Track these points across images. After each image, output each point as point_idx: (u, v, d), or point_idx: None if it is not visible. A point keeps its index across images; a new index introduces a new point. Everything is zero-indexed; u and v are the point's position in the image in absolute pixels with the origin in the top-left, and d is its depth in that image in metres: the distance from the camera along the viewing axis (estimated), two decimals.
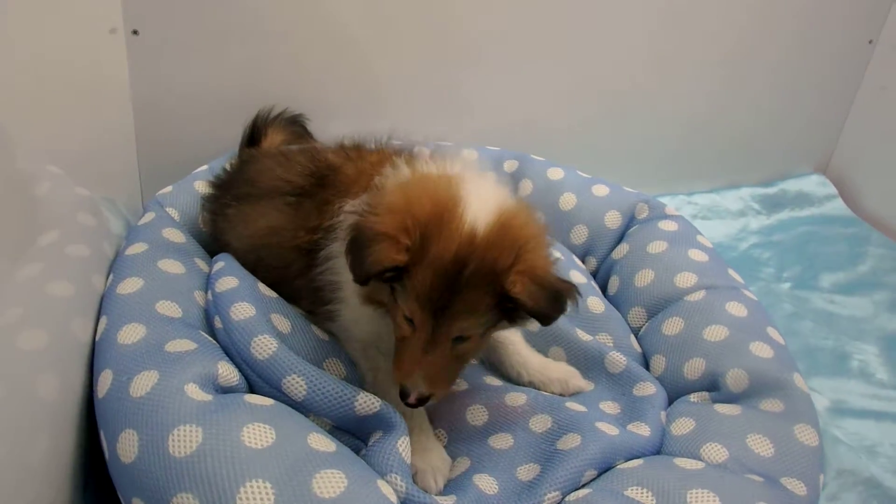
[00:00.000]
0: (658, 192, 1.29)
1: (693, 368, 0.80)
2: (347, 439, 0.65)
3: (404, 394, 0.62)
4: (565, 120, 1.30)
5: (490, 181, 0.69)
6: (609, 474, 0.66)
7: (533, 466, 0.67)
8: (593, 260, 1.05)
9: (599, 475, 0.66)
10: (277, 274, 0.77)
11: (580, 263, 1.03)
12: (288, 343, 0.68)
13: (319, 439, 0.59)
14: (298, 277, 0.75)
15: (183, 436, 0.54)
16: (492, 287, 0.60)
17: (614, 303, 0.96)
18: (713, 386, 0.78)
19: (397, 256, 0.59)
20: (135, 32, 0.99)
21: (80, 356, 0.65)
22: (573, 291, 0.63)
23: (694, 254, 0.94)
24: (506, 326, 0.67)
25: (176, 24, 1.01)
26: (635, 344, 0.89)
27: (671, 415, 0.76)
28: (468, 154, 1.12)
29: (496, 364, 0.81)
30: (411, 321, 0.62)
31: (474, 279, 0.59)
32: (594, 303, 0.91)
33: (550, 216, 1.07)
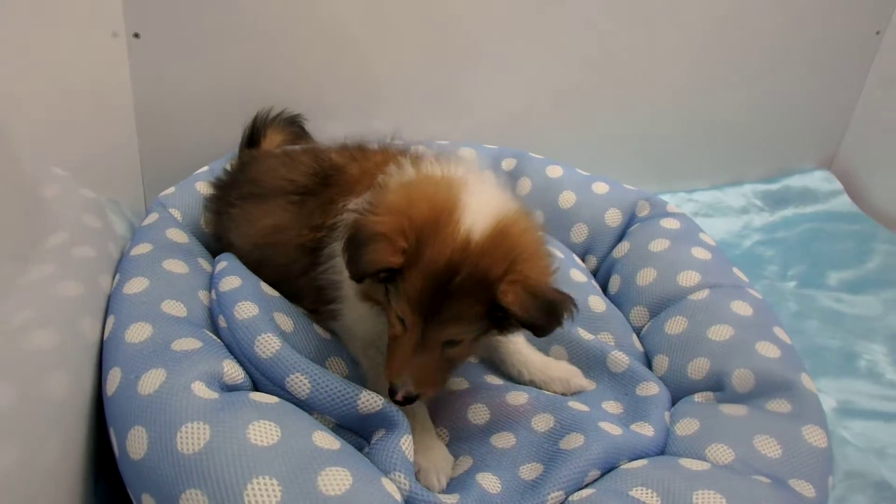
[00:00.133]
0: (658, 190, 1.28)
1: (697, 368, 0.80)
2: (350, 437, 0.67)
3: (392, 391, 0.64)
4: (564, 117, 1.31)
5: (493, 186, 0.69)
6: (613, 474, 0.66)
7: (536, 466, 0.68)
8: (593, 259, 1.06)
9: (603, 475, 0.67)
10: (281, 273, 0.79)
11: (580, 262, 1.04)
12: (291, 342, 0.70)
13: (324, 437, 0.61)
14: (301, 276, 0.76)
15: (191, 433, 0.56)
16: (483, 295, 0.60)
17: (615, 302, 0.96)
18: (718, 386, 0.78)
19: (392, 258, 0.60)
20: (136, 35, 1.01)
21: (89, 355, 0.67)
22: (569, 303, 0.63)
23: (697, 252, 0.95)
24: (500, 334, 0.67)
25: (176, 27, 1.03)
26: (637, 343, 0.90)
27: (675, 415, 0.76)
28: (466, 153, 1.13)
29: (497, 363, 0.83)
30: (403, 321, 0.64)
31: (466, 286, 0.60)
32: (595, 302, 0.93)
33: (550, 214, 1.08)
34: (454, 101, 1.23)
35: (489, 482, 0.66)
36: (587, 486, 0.66)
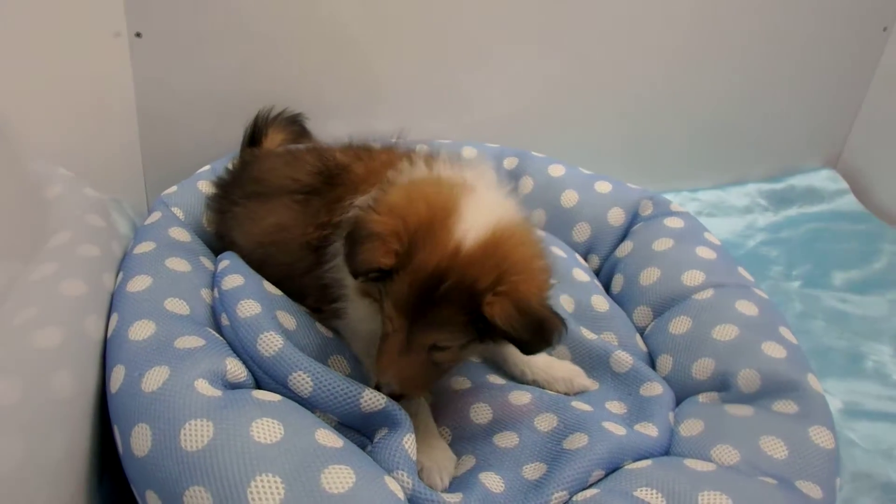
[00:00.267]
0: (661, 189, 1.28)
1: (702, 368, 0.80)
2: (353, 436, 0.67)
3: (377, 389, 0.65)
4: (565, 116, 1.31)
5: (498, 194, 0.69)
6: (617, 474, 0.67)
7: (539, 465, 0.69)
8: (596, 258, 1.06)
9: (607, 475, 0.67)
10: (284, 271, 0.80)
11: (583, 262, 1.04)
12: (293, 340, 0.71)
13: (327, 435, 0.62)
14: (305, 275, 0.77)
15: (194, 430, 0.57)
16: (468, 305, 0.60)
17: (618, 302, 0.97)
18: (723, 386, 0.78)
19: (384, 260, 0.60)
20: (138, 35, 1.02)
21: (93, 353, 0.68)
22: (559, 324, 0.62)
23: (702, 251, 0.95)
24: (490, 346, 0.66)
25: (179, 27, 1.04)
26: (641, 343, 0.90)
27: (679, 415, 0.77)
28: (468, 151, 1.14)
29: (500, 362, 0.83)
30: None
31: (451, 295, 0.59)
32: (598, 301, 0.93)
33: (552, 214, 1.09)
34: (455, 100, 1.24)
35: (492, 481, 0.67)
36: (591, 487, 0.66)
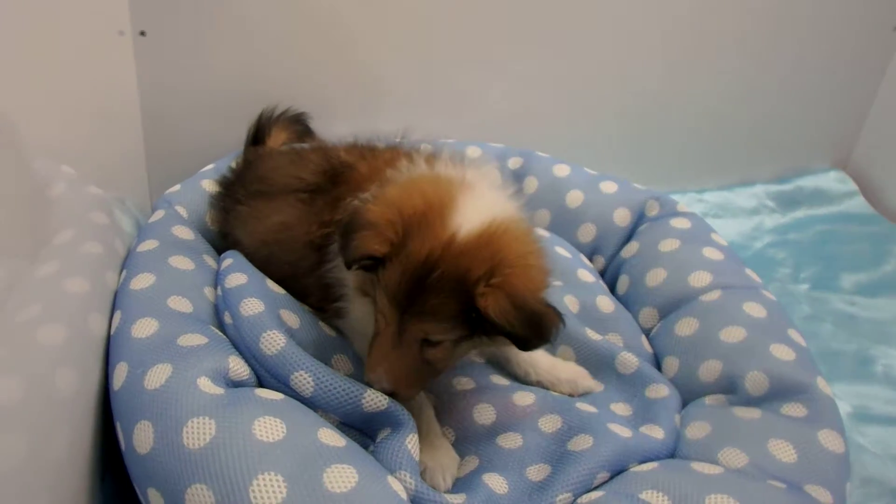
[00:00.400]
0: (667, 190, 1.27)
1: (709, 370, 0.80)
2: (355, 436, 0.68)
3: (368, 386, 0.65)
4: (569, 116, 1.31)
5: (497, 192, 0.69)
6: (622, 477, 0.67)
7: (543, 467, 0.69)
8: (601, 259, 1.06)
9: (612, 478, 0.67)
10: (288, 270, 0.80)
11: (588, 262, 1.04)
12: (296, 339, 0.71)
13: (329, 434, 0.62)
14: (309, 274, 0.78)
15: (196, 428, 0.57)
16: (459, 295, 0.60)
17: (624, 303, 0.97)
18: (730, 388, 0.78)
19: (377, 247, 0.61)
20: (142, 34, 1.03)
21: (96, 350, 0.68)
22: (557, 319, 0.62)
23: (709, 252, 0.94)
24: (485, 343, 0.66)
25: (183, 26, 1.05)
26: (646, 345, 0.90)
27: (686, 418, 0.76)
28: (472, 151, 1.14)
29: (503, 363, 0.83)
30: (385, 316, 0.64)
31: (442, 283, 0.59)
32: (604, 302, 0.93)
33: (556, 214, 1.09)
34: (460, 99, 1.24)
35: (496, 482, 0.67)
36: (596, 489, 0.66)
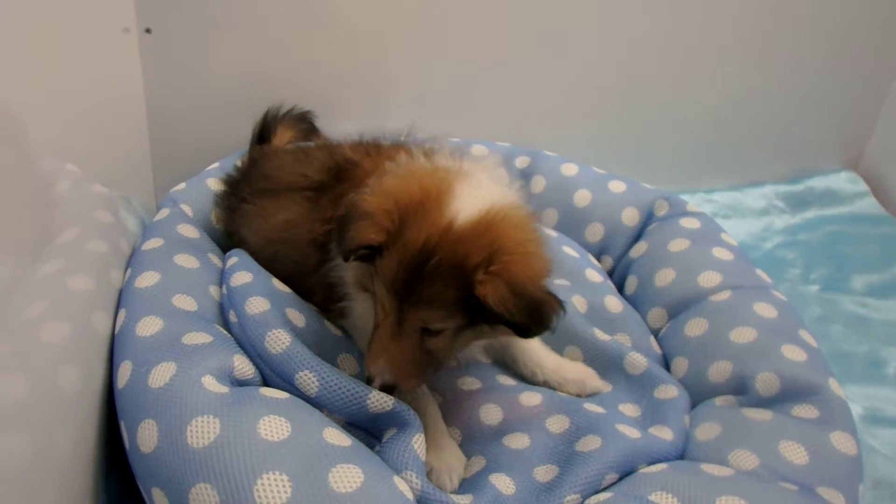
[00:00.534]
0: (675, 190, 1.25)
1: (718, 371, 0.80)
2: (360, 436, 0.67)
3: (368, 380, 0.64)
4: (577, 116, 1.31)
5: (495, 181, 0.69)
6: (631, 478, 0.66)
7: (551, 468, 0.68)
8: (609, 259, 1.06)
9: (621, 479, 0.67)
10: (293, 268, 0.80)
11: (595, 262, 1.04)
12: (302, 338, 0.71)
13: (335, 433, 0.62)
14: (313, 272, 0.77)
15: (201, 427, 0.57)
16: (457, 282, 0.59)
17: (632, 303, 0.96)
18: (741, 389, 0.77)
19: (374, 236, 0.61)
20: (147, 31, 1.03)
21: (100, 348, 0.69)
22: (557, 306, 0.61)
23: (718, 252, 0.94)
24: (487, 332, 0.66)
25: (188, 23, 1.05)
26: (655, 345, 0.90)
27: (695, 419, 0.76)
28: (478, 150, 1.14)
29: (509, 363, 0.83)
30: (384, 307, 0.64)
31: (441, 270, 0.59)
32: (612, 302, 0.93)
33: (564, 213, 1.08)
34: (466, 98, 1.24)
35: (503, 483, 0.67)
36: (604, 490, 0.66)
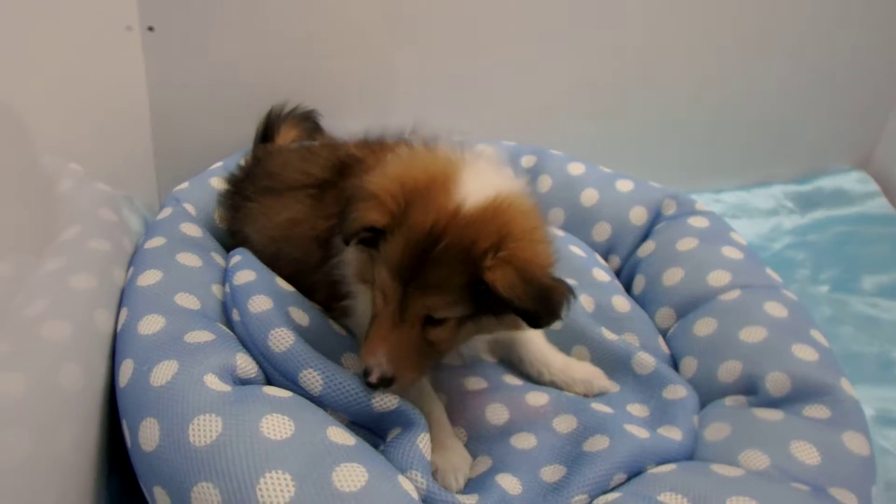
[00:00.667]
0: (683, 190, 1.24)
1: (728, 371, 0.79)
2: (365, 435, 0.67)
3: (366, 373, 0.62)
4: (583, 115, 1.30)
5: (499, 169, 0.68)
6: (640, 479, 0.66)
7: (558, 468, 0.68)
8: (616, 258, 1.05)
9: (629, 479, 0.67)
10: (296, 267, 0.80)
11: (603, 261, 1.03)
12: (306, 337, 0.71)
13: (339, 432, 0.61)
14: (316, 271, 0.77)
15: (203, 425, 0.57)
16: (465, 267, 0.58)
17: (639, 303, 0.96)
18: (751, 389, 0.77)
19: (378, 217, 0.60)
20: (150, 29, 1.04)
21: (102, 346, 0.69)
22: (566, 292, 0.60)
23: (728, 251, 0.93)
24: (491, 324, 0.64)
25: (191, 21, 1.05)
26: (663, 345, 0.89)
27: (704, 419, 0.76)
28: (484, 149, 1.13)
29: (515, 362, 0.82)
30: (385, 296, 0.62)
31: (448, 255, 0.58)
32: (619, 302, 0.92)
33: (571, 213, 1.08)
34: (472, 97, 1.24)
35: (509, 483, 0.66)
36: (613, 490, 0.65)
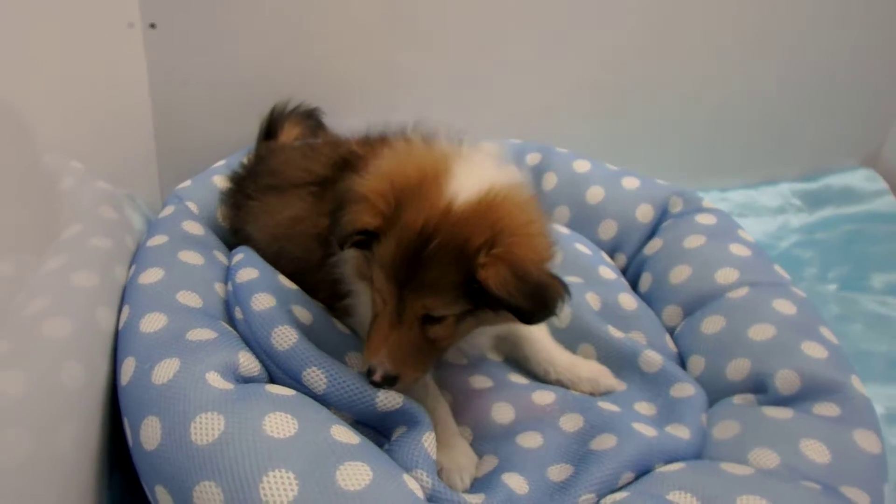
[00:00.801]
0: (689, 188, 1.26)
1: (736, 369, 0.78)
2: (369, 434, 0.67)
3: (370, 372, 0.62)
4: (588, 112, 1.30)
5: (496, 161, 0.67)
6: (648, 477, 0.65)
7: (565, 467, 0.67)
8: (623, 256, 1.05)
9: (637, 478, 0.66)
10: (298, 265, 0.80)
11: (609, 259, 1.03)
12: (309, 335, 0.70)
13: (343, 431, 0.61)
14: (317, 269, 0.77)
15: (205, 423, 0.56)
16: (459, 266, 0.58)
17: (646, 301, 0.95)
18: (760, 388, 0.76)
19: (369, 220, 0.59)
20: (152, 26, 1.03)
21: (104, 344, 0.68)
22: (561, 289, 0.60)
23: (736, 248, 0.93)
24: (490, 319, 0.64)
25: (193, 18, 1.05)
26: (670, 343, 0.89)
27: (712, 417, 0.75)
28: (488, 147, 1.13)
29: (521, 361, 0.82)
30: (383, 296, 0.62)
31: (441, 254, 0.57)
32: (626, 300, 0.92)
33: (576, 210, 1.08)
34: (477, 95, 1.24)
35: (516, 482, 0.66)
36: (620, 489, 0.65)
